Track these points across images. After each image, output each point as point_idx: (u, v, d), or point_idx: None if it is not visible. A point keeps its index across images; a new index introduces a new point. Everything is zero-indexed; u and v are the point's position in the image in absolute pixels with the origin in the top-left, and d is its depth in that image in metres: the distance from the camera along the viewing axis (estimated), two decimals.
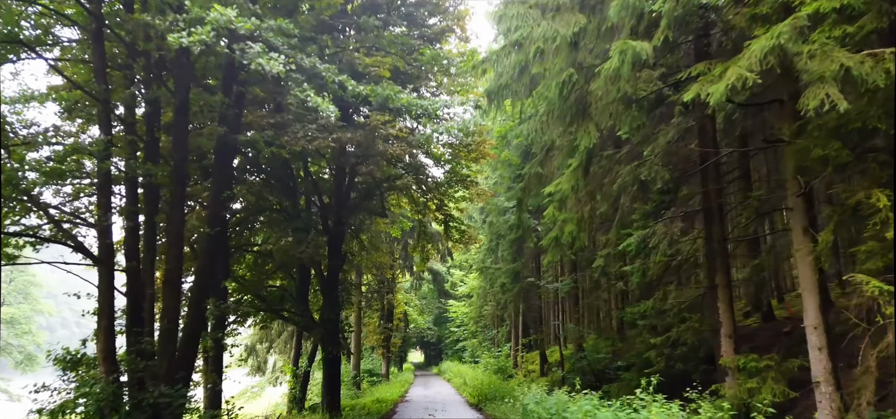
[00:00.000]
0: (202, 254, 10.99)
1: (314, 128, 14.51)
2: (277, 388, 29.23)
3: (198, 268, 11.04)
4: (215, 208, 10.93)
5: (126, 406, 9.93)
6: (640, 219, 14.23)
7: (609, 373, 18.51)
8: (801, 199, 8.18)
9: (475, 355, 39.45)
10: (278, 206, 17.96)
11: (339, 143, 14.36)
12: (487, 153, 19.28)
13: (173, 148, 10.07)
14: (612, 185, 10.63)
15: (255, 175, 17.91)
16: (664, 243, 11.98)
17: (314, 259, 15.73)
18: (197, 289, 10.81)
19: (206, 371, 14.75)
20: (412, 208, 21.20)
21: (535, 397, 12.85)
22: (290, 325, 23.92)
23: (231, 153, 11.56)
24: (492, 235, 26.20)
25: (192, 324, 10.74)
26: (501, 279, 23.47)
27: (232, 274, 16.71)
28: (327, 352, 17.67)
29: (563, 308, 26.96)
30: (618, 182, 10.95)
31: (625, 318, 14.41)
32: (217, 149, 11.09)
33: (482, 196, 20.31)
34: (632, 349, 18.03)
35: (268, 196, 17.69)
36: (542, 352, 25.25)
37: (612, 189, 10.50)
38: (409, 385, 30.84)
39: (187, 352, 10.72)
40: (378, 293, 31.73)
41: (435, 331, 54.47)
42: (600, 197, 10.28)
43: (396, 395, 24.07)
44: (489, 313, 36.98)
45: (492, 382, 22.46)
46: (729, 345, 9.89)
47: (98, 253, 9.98)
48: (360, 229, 20.87)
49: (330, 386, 17.96)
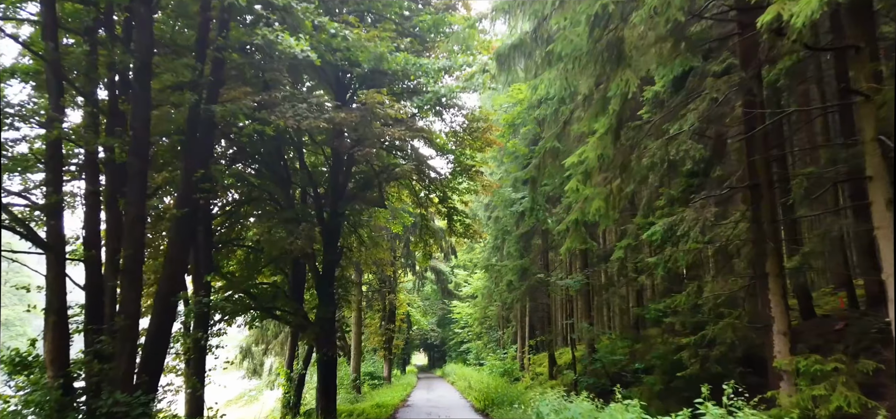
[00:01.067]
0: (171, 241, 9.43)
1: (305, 107, 13.04)
2: (274, 392, 27.62)
3: (166, 257, 9.48)
4: (186, 188, 9.38)
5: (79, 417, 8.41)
6: (666, 205, 12.64)
7: (625, 375, 16.87)
8: (883, 166, 6.58)
9: (480, 357, 37.81)
10: (269, 196, 16.44)
11: (331, 123, 12.84)
12: (493, 141, 17.71)
13: (133, 117, 8.53)
14: (640, 160, 9.03)
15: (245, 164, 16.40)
16: (695, 230, 10.39)
17: (306, 251, 14.17)
18: (165, 280, 9.26)
19: (188, 374, 13.17)
20: (413, 201, 19.64)
21: (552, 404, 11.21)
22: (287, 326, 22.41)
23: (207, 128, 10.02)
24: (497, 232, 24.60)
25: (160, 321, 9.18)
26: (508, 276, 21.85)
27: (217, 268, 15.18)
28: (322, 354, 16.10)
29: (574, 307, 25.31)
30: (646, 159, 9.35)
31: (647, 316, 12.79)
32: (189, 120, 9.55)
33: (488, 188, 18.74)
34: (651, 350, 16.39)
35: (258, 185, 16.18)
36: (550, 353, 23.60)
37: (641, 165, 8.90)
38: (411, 388, 29.19)
39: (153, 353, 9.15)
40: (379, 292, 30.15)
41: (438, 332, 52.76)
42: (627, 175, 8.68)
43: (397, 400, 22.44)
44: (494, 314, 35.35)
45: (499, 386, 20.83)
46: (784, 344, 8.25)
47: (47, 237, 8.43)
48: (358, 223, 19.29)
49: (325, 390, 16.37)
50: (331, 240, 16.40)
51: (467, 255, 37.17)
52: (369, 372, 30.15)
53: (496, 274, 25.04)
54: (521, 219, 21.68)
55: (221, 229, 16.78)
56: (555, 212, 13.66)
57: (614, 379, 17.15)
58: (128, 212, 8.34)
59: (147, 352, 9.13)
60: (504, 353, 31.54)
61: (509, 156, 20.11)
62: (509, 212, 20.83)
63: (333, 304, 16.62)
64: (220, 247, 16.47)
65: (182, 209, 9.19)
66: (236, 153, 15.95)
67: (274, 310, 16.75)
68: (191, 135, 9.52)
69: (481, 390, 21.17)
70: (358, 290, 26.84)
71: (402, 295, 34.61)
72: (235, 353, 27.72)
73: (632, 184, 9.56)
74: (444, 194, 17.79)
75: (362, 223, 19.68)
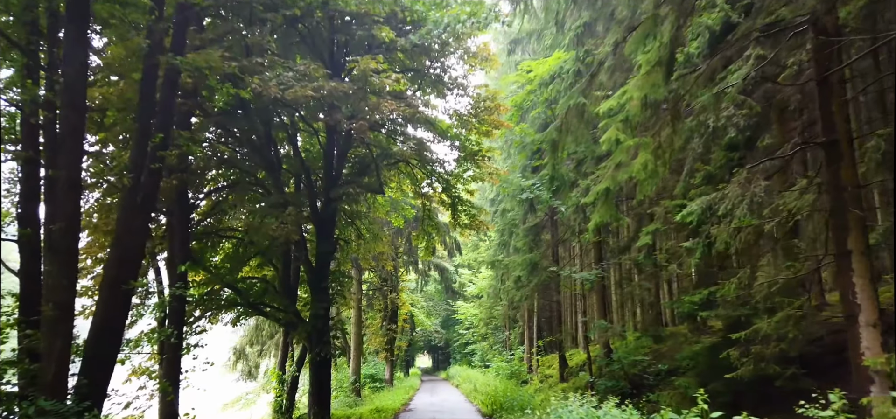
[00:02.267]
0: (119, 218, 7.70)
1: (291, 75, 11.37)
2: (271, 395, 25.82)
3: (114, 237, 7.74)
4: (139, 153, 7.64)
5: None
6: (702, 183, 10.85)
7: (647, 377, 15.03)
8: None
9: (485, 359, 35.93)
10: (256, 182, 14.74)
11: (320, 92, 11.15)
12: (501, 123, 15.96)
13: (66, 59, 6.82)
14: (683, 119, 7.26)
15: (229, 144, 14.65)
16: (744, 206, 8.61)
17: (292, 238, 12.47)
18: (112, 265, 7.53)
19: (161, 378, 11.43)
20: (415, 191, 17.89)
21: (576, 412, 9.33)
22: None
23: (170, 85, 8.31)
24: (504, 226, 22.79)
25: (106, 314, 7.44)
26: (517, 272, 20.03)
27: (199, 259, 13.46)
28: (315, 354, 14.34)
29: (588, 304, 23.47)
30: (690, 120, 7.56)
31: (680, 310, 10.97)
32: (145, 73, 7.83)
33: (494, 175, 16.98)
34: (680, 348, 14.54)
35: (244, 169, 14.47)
36: (561, 354, 21.73)
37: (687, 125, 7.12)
38: (414, 391, 27.34)
39: (98, 353, 7.41)
40: (380, 291, 28.35)
41: (443, 334, 50.84)
42: (679, 125, 6.88)
43: (399, 404, 20.62)
44: (500, 314, 33.51)
45: (506, 389, 18.98)
46: (873, 339, 6.44)
47: None
48: (356, 215, 17.54)
49: (318, 392, 14.60)
50: (325, 231, 14.69)
51: (472, 254, 35.35)
52: (370, 374, 28.30)
53: (503, 270, 23.22)
54: (530, 211, 19.90)
55: (208, 221, 15.06)
56: (571, 194, 11.88)
57: (634, 382, 15.31)
58: (59, 177, 6.61)
59: (90, 351, 7.40)
60: (511, 355, 29.69)
61: (518, 142, 18.33)
62: (518, 201, 19.04)
63: (327, 300, 14.88)
64: (205, 239, 14.76)
65: (133, 175, 7.46)
66: (222, 134, 14.25)
67: (261, 306, 15.03)
68: (146, 90, 7.80)
69: (488, 394, 19.35)
70: (358, 289, 25.06)
71: (405, 294, 32.79)
72: (229, 355, 25.97)
73: (681, 139, 7.74)
74: (448, 183, 16.07)
75: (360, 215, 17.94)
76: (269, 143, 13.94)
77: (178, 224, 12.17)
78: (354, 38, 13.47)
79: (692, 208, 9.65)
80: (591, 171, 11.48)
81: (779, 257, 9.64)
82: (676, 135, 6.94)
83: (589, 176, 10.52)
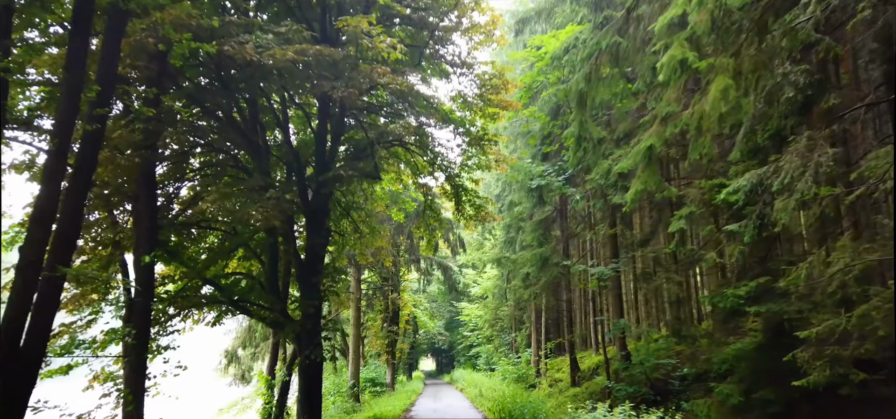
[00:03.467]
0: (41, 190, 6.05)
1: (271, 37, 9.80)
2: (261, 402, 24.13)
3: (32, 212, 6.08)
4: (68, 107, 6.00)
5: None
6: (744, 156, 9.14)
7: (672, 383, 13.29)
8: None
9: (491, 362, 34.13)
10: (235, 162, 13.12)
11: (302, 55, 9.55)
12: (510, 104, 14.29)
13: None
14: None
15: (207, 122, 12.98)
16: (808, 177, 6.92)
17: (273, 224, 10.82)
18: (28, 247, 5.87)
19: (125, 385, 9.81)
20: (415, 181, 16.23)
21: None
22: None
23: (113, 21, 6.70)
24: (512, 220, 21.12)
25: (18, 308, 5.80)
26: (525, 268, 18.32)
27: (171, 250, 11.82)
28: (304, 357, 12.67)
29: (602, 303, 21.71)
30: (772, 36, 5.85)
31: (723, 305, 9.26)
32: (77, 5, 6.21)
33: (501, 162, 15.33)
34: (708, 351, 12.80)
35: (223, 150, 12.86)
36: (572, 357, 19.97)
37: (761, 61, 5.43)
38: (416, 396, 25.59)
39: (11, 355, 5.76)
40: (381, 290, 26.65)
41: (447, 336, 49.00)
42: (766, 44, 5.19)
43: (399, 410, 18.90)
44: (506, 315, 31.75)
45: (514, 394, 17.25)
46: None
47: None
48: (351, 205, 15.86)
49: (308, 399, 12.89)
50: (316, 221, 13.05)
51: (476, 253, 33.62)
52: (371, 378, 26.57)
53: (510, 267, 21.49)
54: (539, 203, 18.19)
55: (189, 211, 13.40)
56: (603, 163, 10.17)
57: (657, 387, 13.57)
58: None
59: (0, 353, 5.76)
60: (517, 358, 27.95)
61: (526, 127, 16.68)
62: (527, 191, 17.36)
63: (318, 297, 13.22)
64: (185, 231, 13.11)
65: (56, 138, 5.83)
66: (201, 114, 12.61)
67: (245, 304, 13.38)
68: (78, 25, 6.17)
69: (495, 399, 17.63)
70: (357, 287, 23.39)
71: (407, 294, 31.07)
72: (220, 359, 24.30)
73: (770, 62, 5.94)
74: (450, 171, 14.45)
75: (356, 205, 16.25)
76: (254, 125, 12.34)
77: (146, 210, 10.53)
78: (347, 2, 11.91)
79: (739, 183, 7.98)
80: (621, 135, 9.74)
81: (845, 239, 7.91)
82: (766, 56, 5.25)
83: (620, 141, 8.81)
